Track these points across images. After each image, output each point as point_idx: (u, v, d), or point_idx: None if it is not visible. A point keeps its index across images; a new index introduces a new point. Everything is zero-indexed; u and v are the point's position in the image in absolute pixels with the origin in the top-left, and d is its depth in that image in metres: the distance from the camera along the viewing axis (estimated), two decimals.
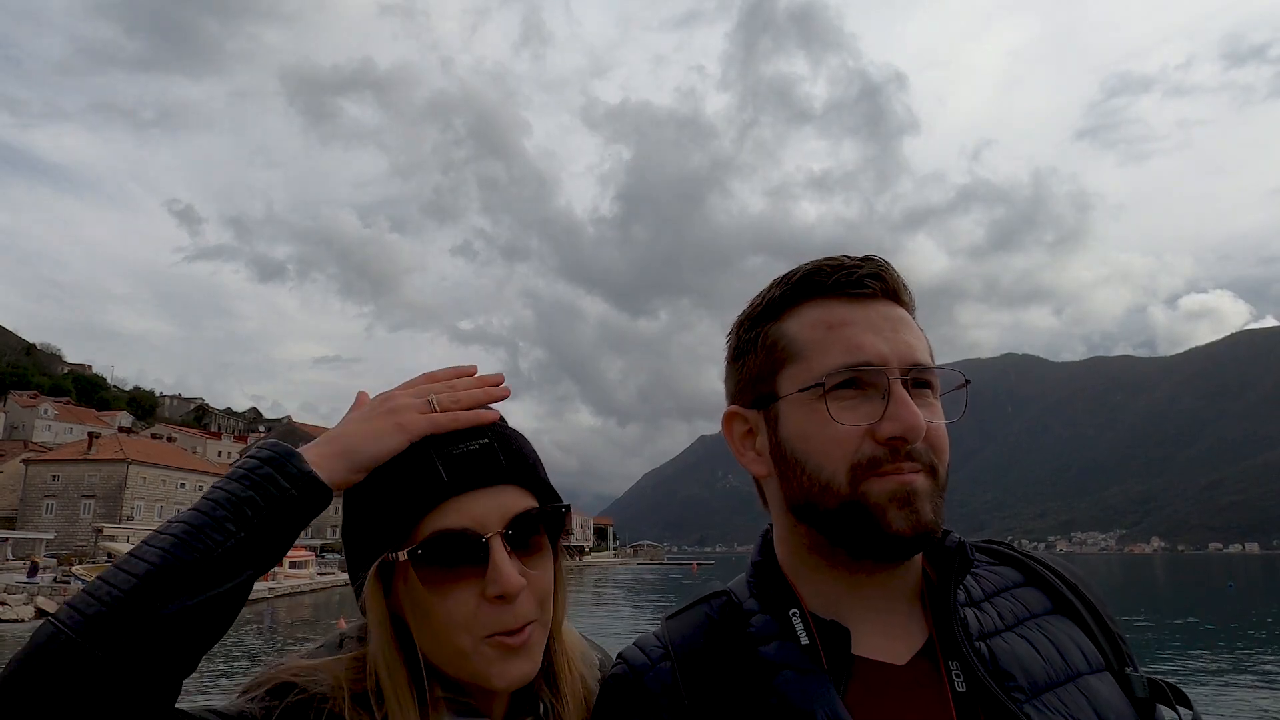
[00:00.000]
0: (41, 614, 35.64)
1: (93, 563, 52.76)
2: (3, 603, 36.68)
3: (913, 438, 0.97)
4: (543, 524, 1.05)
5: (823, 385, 1.00)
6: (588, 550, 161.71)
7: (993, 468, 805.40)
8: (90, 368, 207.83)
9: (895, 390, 0.98)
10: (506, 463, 1.03)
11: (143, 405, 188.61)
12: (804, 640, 1.01)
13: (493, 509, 1.00)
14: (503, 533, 0.99)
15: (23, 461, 79.53)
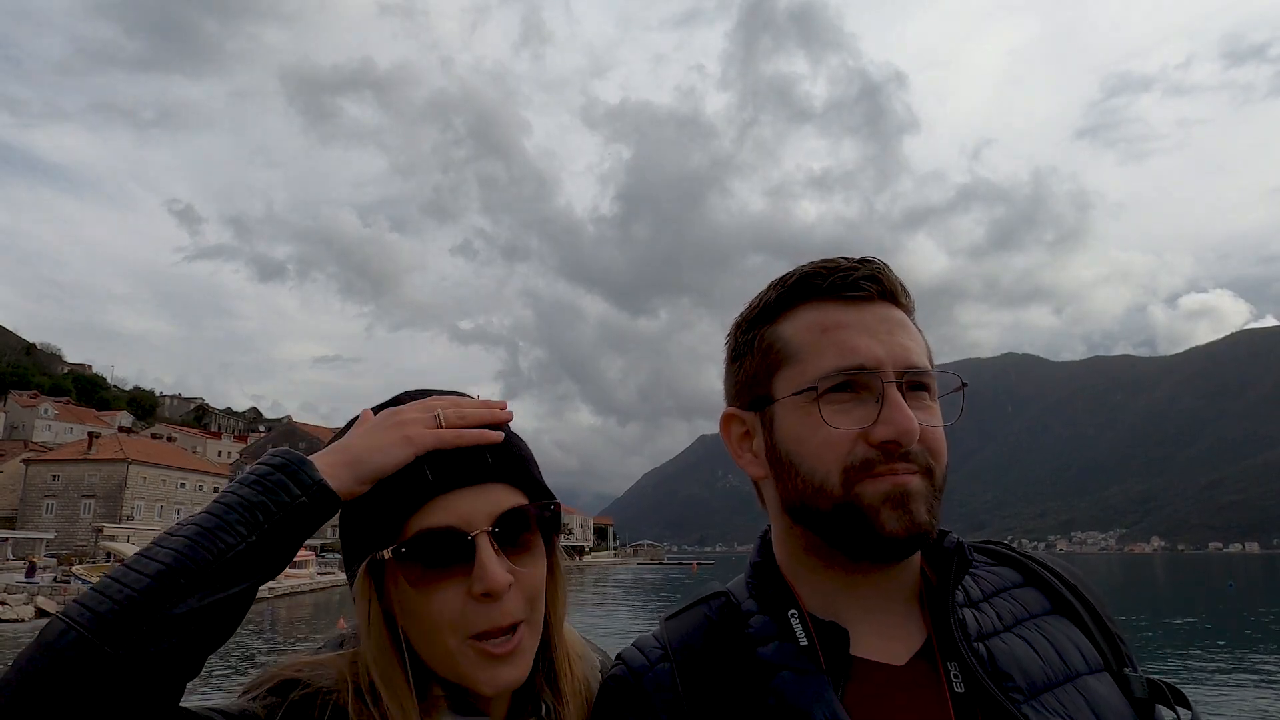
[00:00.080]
0: (42, 614, 35.62)
1: (93, 562, 52.71)
2: (3, 603, 36.68)
3: (906, 442, 0.97)
4: (535, 522, 1.05)
5: (815, 389, 1.00)
6: (588, 550, 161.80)
7: (993, 467, 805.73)
8: (90, 368, 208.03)
9: (889, 394, 0.98)
10: (494, 461, 1.03)
11: (143, 405, 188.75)
12: (802, 641, 1.01)
13: (480, 506, 1.00)
14: (489, 530, 0.99)
15: (23, 461, 79.60)
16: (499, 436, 1.05)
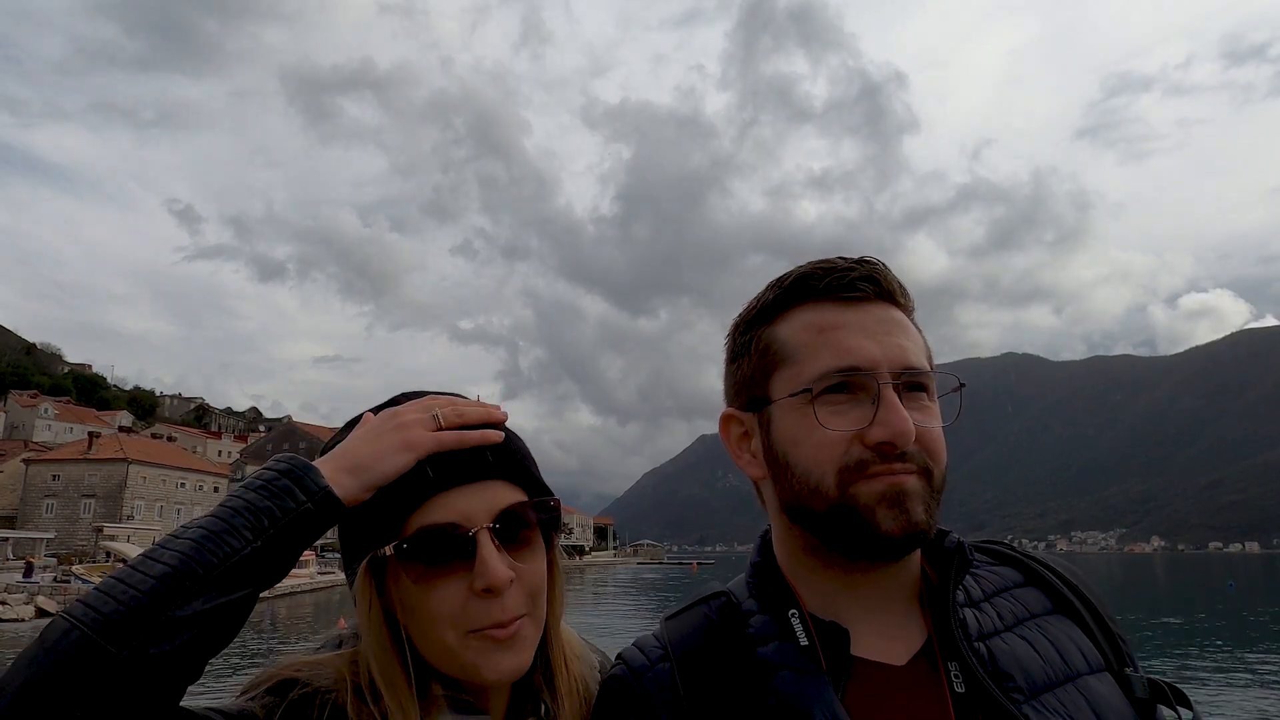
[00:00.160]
0: (42, 613, 35.61)
1: (93, 562, 52.74)
2: (3, 602, 36.68)
3: (902, 443, 0.96)
4: (535, 519, 1.05)
5: (810, 390, 1.00)
6: (588, 550, 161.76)
7: (993, 467, 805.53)
8: (90, 367, 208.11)
9: (885, 395, 0.98)
10: (494, 458, 1.04)
11: (143, 405, 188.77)
12: (803, 641, 1.01)
13: (480, 503, 1.01)
14: (490, 526, 1.00)
15: (23, 461, 79.58)
16: (500, 436, 1.06)
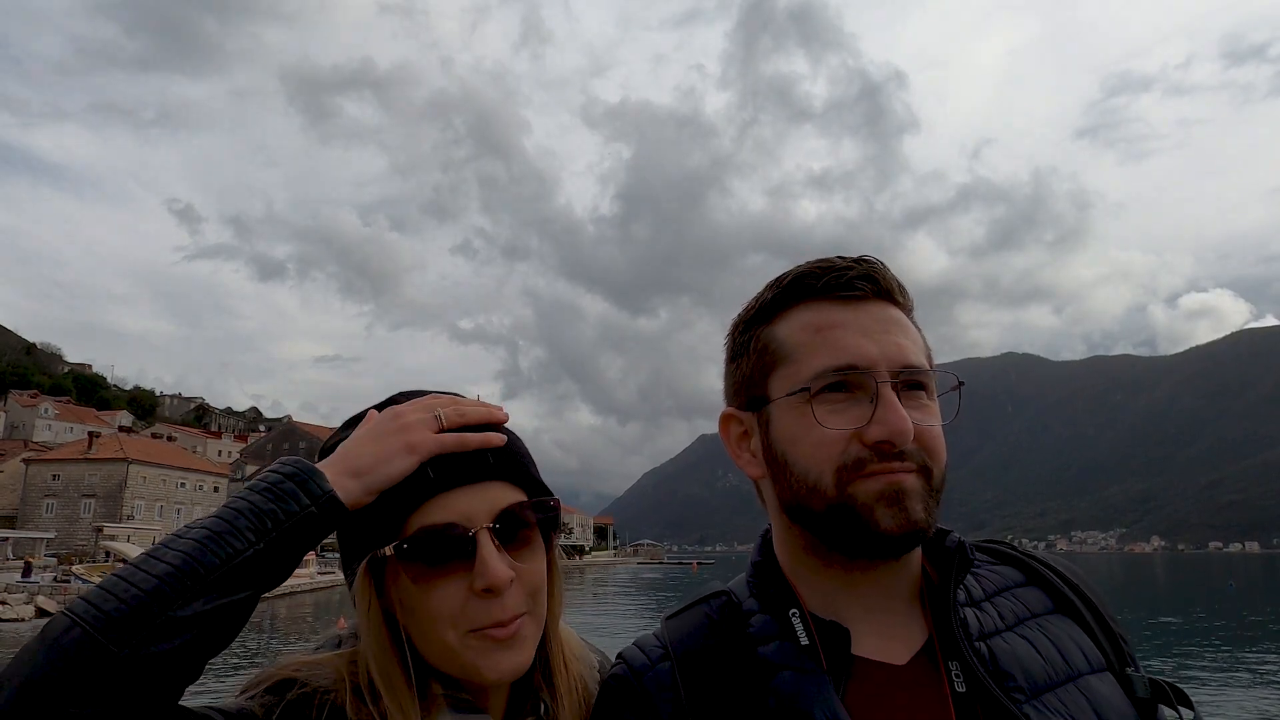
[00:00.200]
0: (42, 613, 35.58)
1: (93, 562, 52.73)
2: (3, 602, 36.67)
3: (900, 442, 0.96)
4: (534, 519, 1.06)
5: (808, 389, 1.00)
6: (588, 549, 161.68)
7: (993, 467, 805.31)
8: (90, 367, 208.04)
9: (883, 393, 0.98)
10: (494, 460, 1.04)
11: (143, 404, 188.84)
12: (803, 640, 1.01)
13: (480, 504, 1.01)
14: (490, 526, 1.00)
15: (23, 461, 79.53)
16: (502, 440, 1.06)
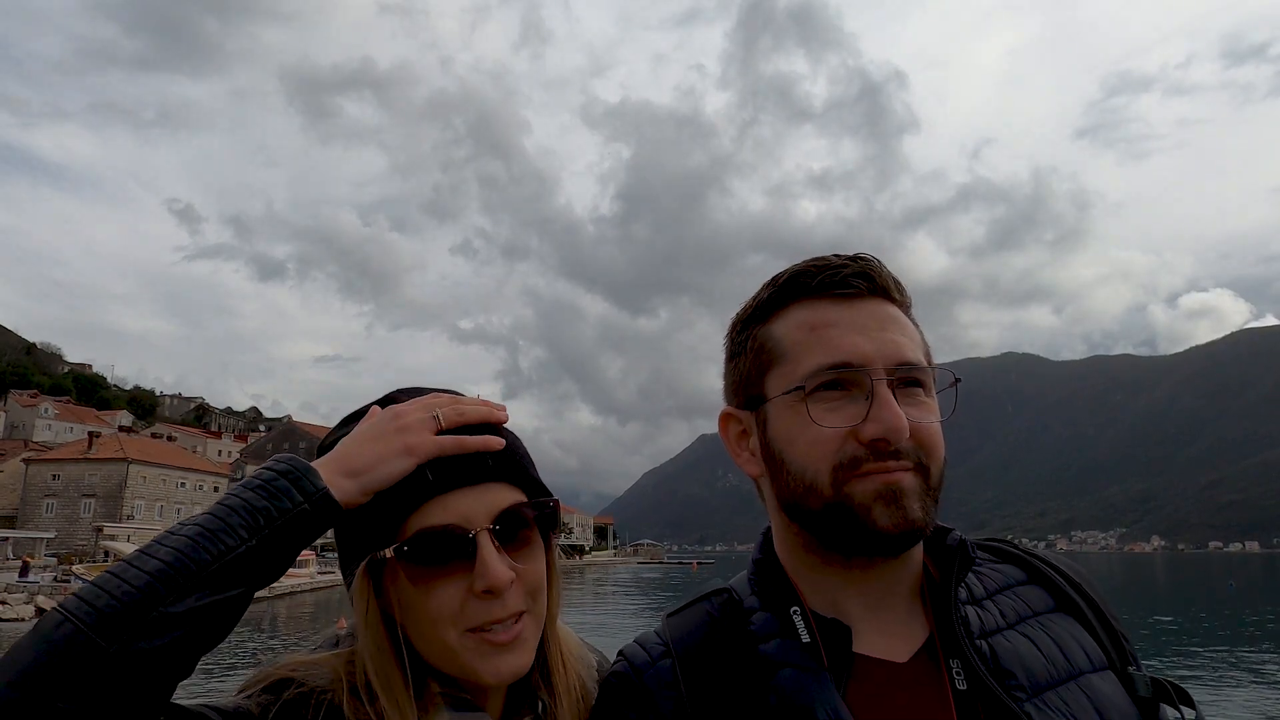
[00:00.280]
0: (42, 613, 35.33)
1: (93, 562, 52.74)
2: (3, 602, 36.67)
3: (895, 439, 0.96)
4: (533, 518, 1.06)
5: (803, 388, 1.01)
6: (588, 549, 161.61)
7: (993, 466, 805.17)
8: (90, 367, 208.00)
9: (878, 391, 0.98)
10: (494, 461, 1.04)
11: (143, 404, 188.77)
12: (805, 638, 1.01)
13: (479, 505, 1.01)
14: (490, 527, 1.00)
15: (23, 461, 79.43)
16: (501, 443, 1.06)
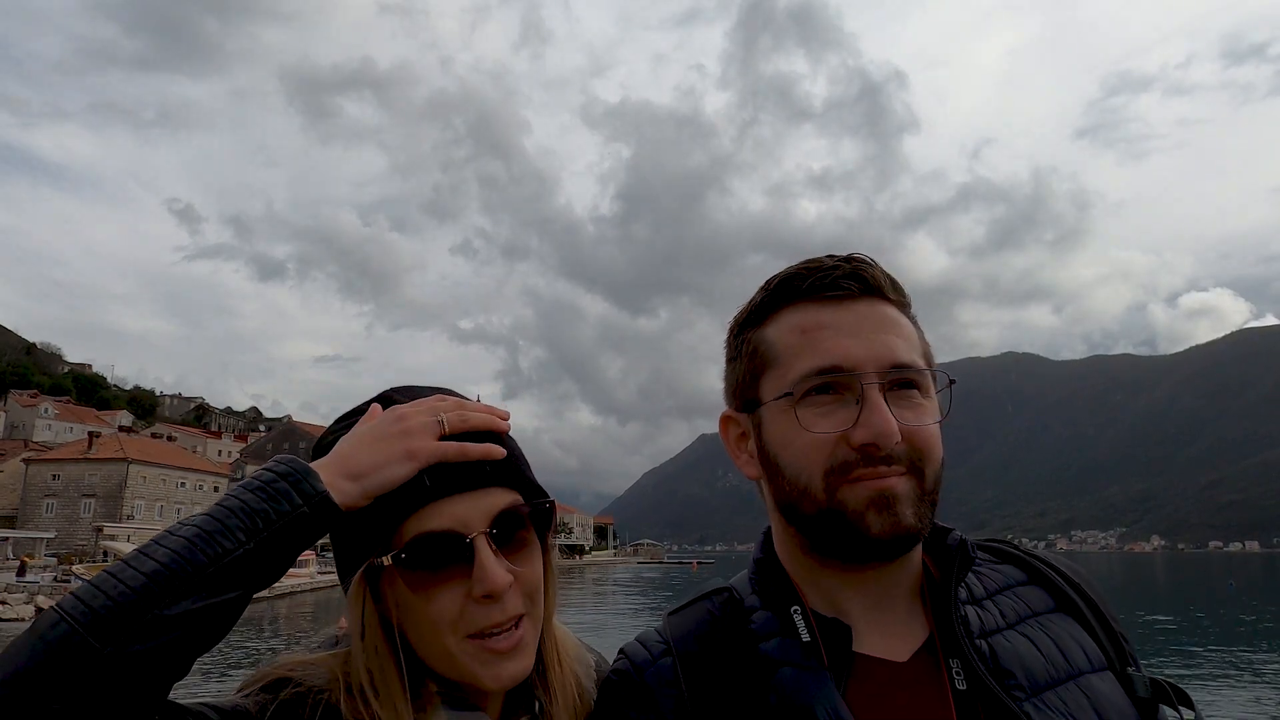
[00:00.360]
0: (41, 613, 35.47)
1: (93, 562, 52.74)
2: (3, 602, 36.68)
3: (885, 444, 0.96)
4: (530, 520, 1.06)
5: (791, 394, 1.01)
6: (588, 549, 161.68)
7: (993, 466, 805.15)
8: (90, 367, 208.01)
9: (868, 395, 0.97)
10: (491, 467, 1.04)
11: (143, 404, 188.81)
12: (805, 637, 1.01)
13: (476, 510, 1.01)
14: (487, 531, 1.00)
15: (23, 461, 79.48)
16: (502, 452, 1.05)
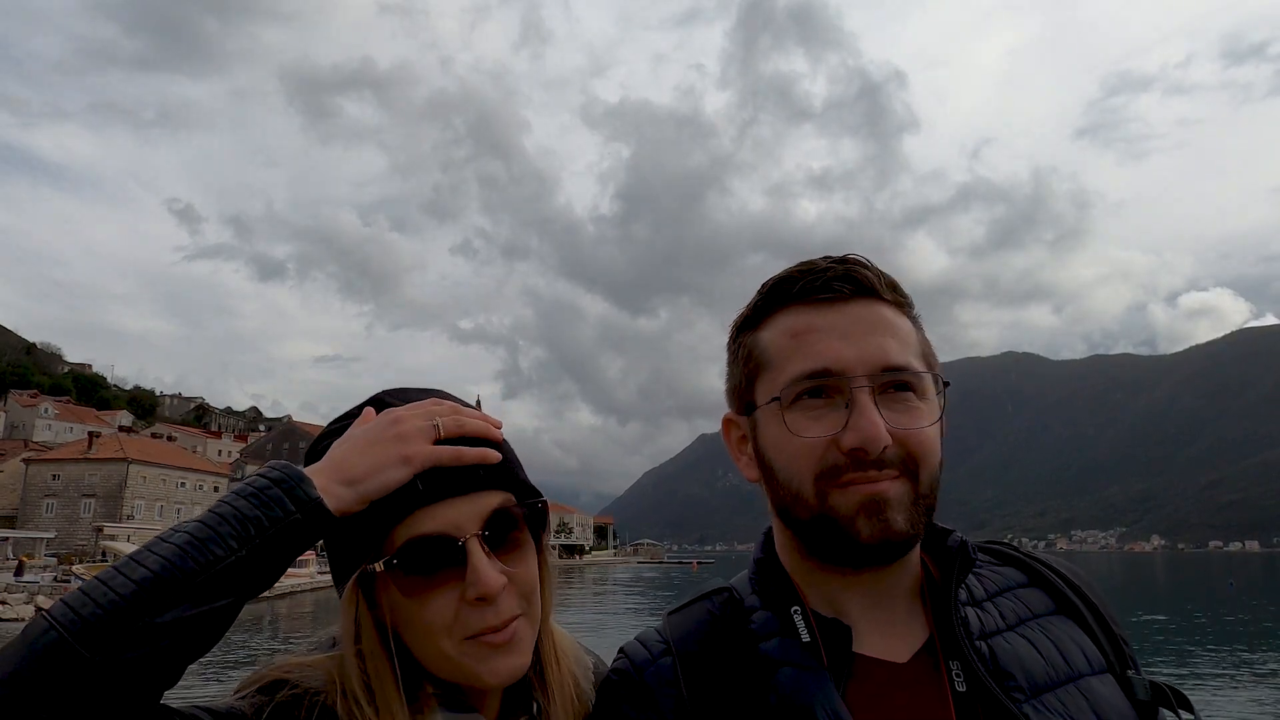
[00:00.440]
0: (41, 613, 35.51)
1: (93, 562, 52.77)
2: (3, 602, 36.69)
3: (872, 449, 0.95)
4: (523, 520, 1.06)
5: (779, 400, 1.02)
6: (588, 549, 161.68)
7: (993, 466, 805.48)
8: (90, 367, 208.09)
9: (856, 398, 0.97)
10: (484, 472, 1.03)
11: (143, 404, 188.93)
12: (805, 637, 1.01)
13: (468, 512, 1.00)
14: (480, 534, 0.99)
15: (23, 461, 79.55)
16: (498, 457, 1.05)
